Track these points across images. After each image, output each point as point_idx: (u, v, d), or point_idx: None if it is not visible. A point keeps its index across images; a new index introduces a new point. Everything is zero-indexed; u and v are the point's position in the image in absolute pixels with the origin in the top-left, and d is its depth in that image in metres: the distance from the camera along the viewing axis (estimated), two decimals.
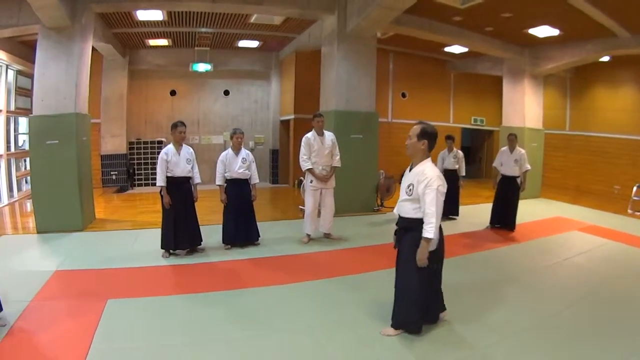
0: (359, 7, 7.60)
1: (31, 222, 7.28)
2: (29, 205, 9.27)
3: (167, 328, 3.57)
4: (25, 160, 10.74)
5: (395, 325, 3.48)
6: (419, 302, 3.40)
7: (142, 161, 12.63)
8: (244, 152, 5.86)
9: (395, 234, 3.57)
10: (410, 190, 3.33)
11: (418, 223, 3.27)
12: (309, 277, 4.85)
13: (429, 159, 3.39)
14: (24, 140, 10.82)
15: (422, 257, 3.25)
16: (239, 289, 4.49)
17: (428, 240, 3.20)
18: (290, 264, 5.43)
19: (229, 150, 5.82)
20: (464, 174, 8.28)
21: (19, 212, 8.90)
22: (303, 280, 4.78)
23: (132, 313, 3.83)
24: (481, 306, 4.16)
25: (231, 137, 5.81)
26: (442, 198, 3.23)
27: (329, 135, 6.32)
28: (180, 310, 3.94)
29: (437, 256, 3.42)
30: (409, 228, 3.38)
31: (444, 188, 3.23)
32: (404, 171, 3.57)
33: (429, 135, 3.34)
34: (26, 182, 10.84)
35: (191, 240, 5.63)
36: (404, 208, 3.42)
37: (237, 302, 4.16)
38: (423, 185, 3.21)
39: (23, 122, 10.67)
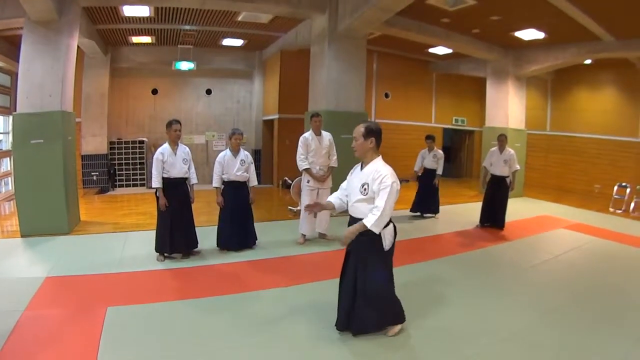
0: (352, 8, 7.57)
1: (12, 225, 7.00)
2: (7, 207, 8.90)
3: (175, 336, 3.46)
4: (3, 161, 10.31)
5: (358, 330, 3.40)
6: (391, 303, 3.42)
7: (123, 162, 12.29)
8: (243, 153, 5.72)
9: None
10: (365, 190, 3.22)
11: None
12: (310, 279, 4.81)
13: (380, 157, 3.33)
14: (1, 140, 10.40)
15: (349, 235, 3.22)
16: (240, 293, 4.41)
17: (364, 226, 3.13)
18: (289, 266, 5.36)
19: (227, 152, 5.66)
20: (440, 172, 8.33)
21: None
22: (305, 282, 4.74)
23: (136, 321, 3.69)
24: (482, 304, 4.24)
25: (230, 138, 5.65)
26: (396, 196, 3.15)
27: (326, 135, 6.27)
28: (185, 316, 3.83)
29: (391, 256, 3.39)
30: (365, 230, 3.21)
31: (398, 185, 3.16)
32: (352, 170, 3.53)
33: (374, 133, 3.28)
34: (5, 183, 10.40)
35: (187, 243, 5.48)
36: (358, 209, 3.30)
37: (241, 306, 4.08)
38: (378, 182, 3.14)
39: (0, 120, 10.24)
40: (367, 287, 3.30)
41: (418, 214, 8.46)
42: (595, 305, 4.27)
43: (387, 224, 3.25)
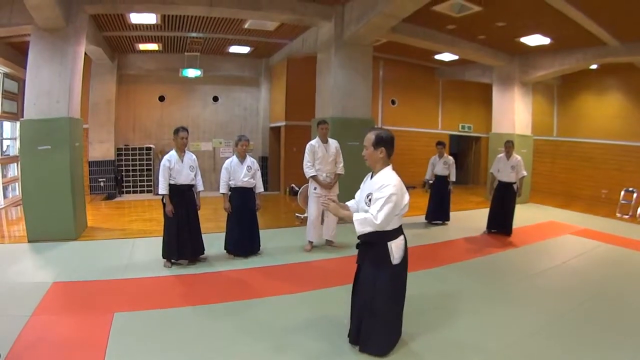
0: (358, 15, 7.62)
1: (19, 231, 7.05)
2: (15, 213, 8.96)
3: (182, 342, 3.44)
4: (10, 167, 10.40)
5: (365, 350, 3.25)
6: (398, 324, 3.31)
7: (130, 168, 12.38)
8: (249, 159, 5.74)
9: (357, 247, 3.35)
10: (369, 200, 3.08)
11: (380, 236, 3.08)
12: (317, 286, 4.79)
13: (390, 166, 3.16)
14: (8, 146, 10.49)
15: (335, 210, 3.19)
16: (248, 300, 4.39)
17: (350, 218, 3.05)
18: (296, 273, 5.35)
19: (234, 158, 5.70)
20: (454, 179, 8.35)
21: (5, 220, 8.56)
22: (312, 289, 4.71)
23: (143, 327, 3.69)
24: (488, 312, 4.21)
25: (236, 144, 5.68)
26: (393, 208, 2.98)
27: (333, 143, 6.27)
28: (192, 322, 3.81)
29: (404, 271, 3.27)
30: (372, 243, 3.14)
31: (397, 197, 2.99)
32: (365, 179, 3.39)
33: (385, 142, 3.11)
34: (12, 188, 10.49)
35: (194, 249, 5.49)
36: None
37: (248, 313, 4.06)
38: (378, 191, 3.01)
39: (7, 126, 10.33)
40: (375, 308, 3.18)
41: (426, 221, 8.44)
42: (601, 313, 4.22)
43: (395, 237, 3.14)
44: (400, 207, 3.07)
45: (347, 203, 3.49)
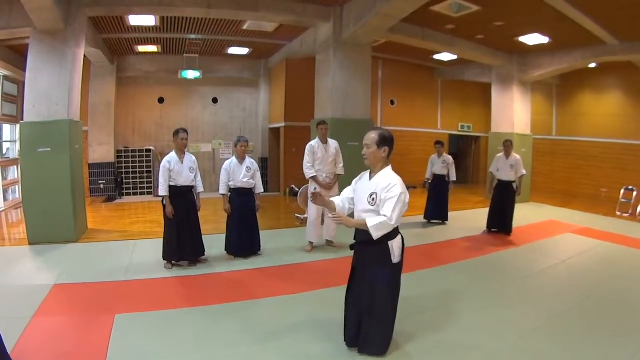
0: (356, 15, 7.63)
1: (20, 233, 7.06)
2: (15, 215, 8.97)
3: (185, 344, 3.45)
4: (10, 169, 10.41)
5: (365, 351, 3.25)
6: (392, 324, 3.29)
7: (130, 170, 12.37)
8: (249, 160, 5.75)
9: (351, 248, 3.34)
10: (373, 200, 3.07)
11: (382, 236, 3.04)
12: (318, 286, 4.78)
13: (390, 166, 3.20)
14: (8, 148, 10.49)
15: (346, 222, 3.12)
16: (249, 300, 4.40)
17: (365, 225, 2.99)
18: (297, 273, 5.35)
19: (233, 159, 5.70)
20: (454, 178, 8.37)
21: (6, 222, 8.57)
22: (313, 289, 4.71)
23: (144, 329, 3.69)
24: (488, 311, 4.21)
25: (235, 145, 5.68)
26: (404, 207, 3.02)
27: (332, 143, 6.28)
28: (194, 324, 3.82)
29: (401, 271, 3.25)
30: (372, 243, 3.06)
31: (406, 197, 3.03)
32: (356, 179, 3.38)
33: (388, 142, 3.14)
34: (12, 191, 10.49)
35: (194, 251, 5.50)
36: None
37: (249, 314, 4.06)
38: (386, 191, 3.01)
39: (7, 129, 10.34)
40: (375, 308, 3.17)
41: (426, 220, 8.46)
42: (601, 312, 4.23)
43: (395, 236, 3.15)
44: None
45: (332, 199, 3.47)
